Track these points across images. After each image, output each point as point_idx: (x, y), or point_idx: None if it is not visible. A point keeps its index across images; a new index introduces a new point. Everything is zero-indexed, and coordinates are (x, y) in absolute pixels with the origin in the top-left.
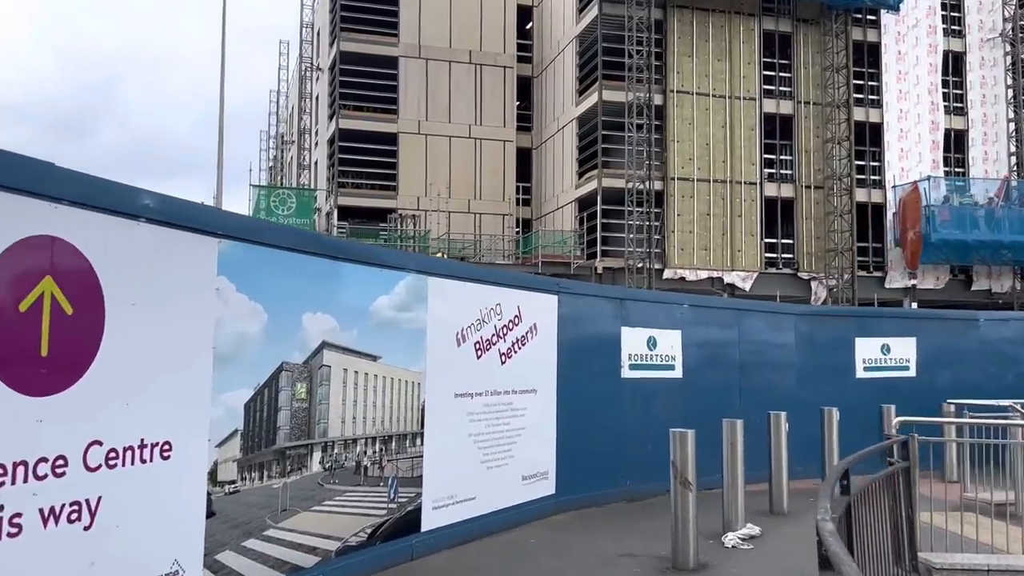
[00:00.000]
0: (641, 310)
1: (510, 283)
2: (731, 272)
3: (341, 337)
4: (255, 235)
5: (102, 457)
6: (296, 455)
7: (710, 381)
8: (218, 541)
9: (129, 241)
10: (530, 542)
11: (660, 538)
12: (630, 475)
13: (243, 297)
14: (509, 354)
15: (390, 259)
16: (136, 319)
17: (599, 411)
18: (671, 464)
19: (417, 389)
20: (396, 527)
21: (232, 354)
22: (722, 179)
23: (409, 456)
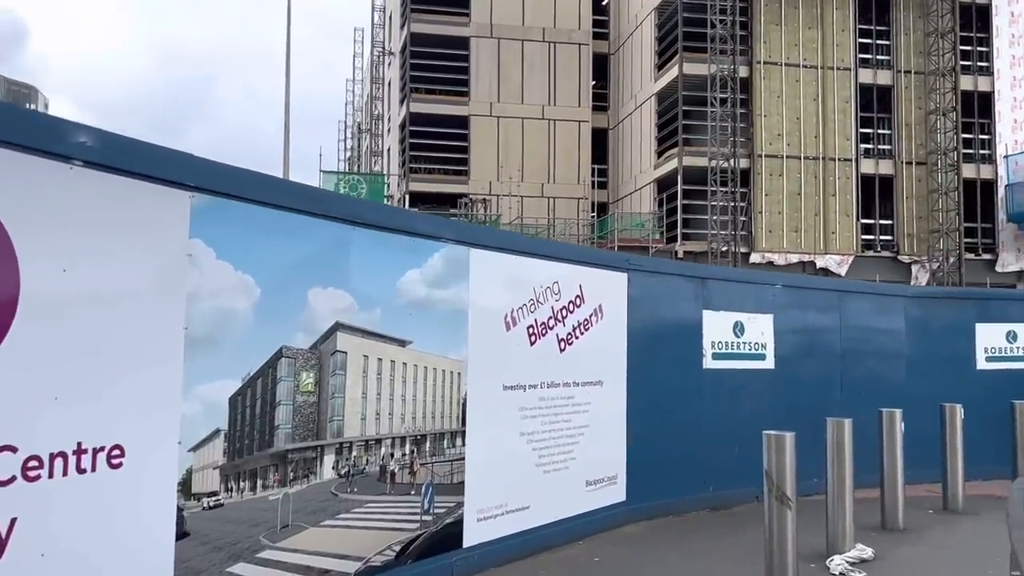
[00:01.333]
0: (726, 291)
1: (571, 257)
2: (824, 256)
3: (360, 318)
4: (239, 188)
5: (16, 467)
6: (301, 459)
7: (807, 373)
8: (193, 567)
9: (58, 190)
10: (593, 560)
11: (750, 557)
12: (713, 480)
13: (225, 266)
14: (569, 340)
15: (422, 225)
16: (69, 289)
17: (677, 406)
18: (765, 474)
19: (457, 380)
20: (432, 543)
21: (211, 336)
22: (814, 156)
23: (448, 459)
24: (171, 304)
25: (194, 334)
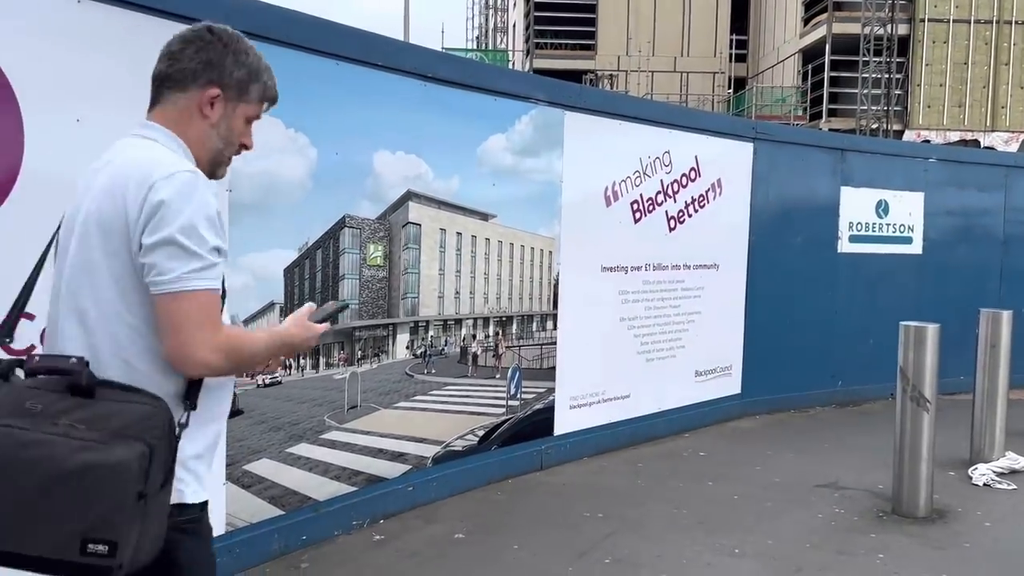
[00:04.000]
0: (869, 165)
1: (685, 124)
2: (991, 133)
3: (435, 187)
4: (287, 32)
5: (35, 336)
6: (371, 338)
7: (960, 260)
8: (248, 447)
9: (63, 28)
10: (698, 454)
11: (877, 461)
12: (843, 374)
13: (274, 122)
14: (680, 218)
15: (508, 83)
16: (85, 143)
17: (805, 293)
18: (899, 371)
19: (548, 259)
20: (519, 429)
21: (260, 201)
22: (987, 19)
23: (537, 343)
24: None
25: (239, 198)
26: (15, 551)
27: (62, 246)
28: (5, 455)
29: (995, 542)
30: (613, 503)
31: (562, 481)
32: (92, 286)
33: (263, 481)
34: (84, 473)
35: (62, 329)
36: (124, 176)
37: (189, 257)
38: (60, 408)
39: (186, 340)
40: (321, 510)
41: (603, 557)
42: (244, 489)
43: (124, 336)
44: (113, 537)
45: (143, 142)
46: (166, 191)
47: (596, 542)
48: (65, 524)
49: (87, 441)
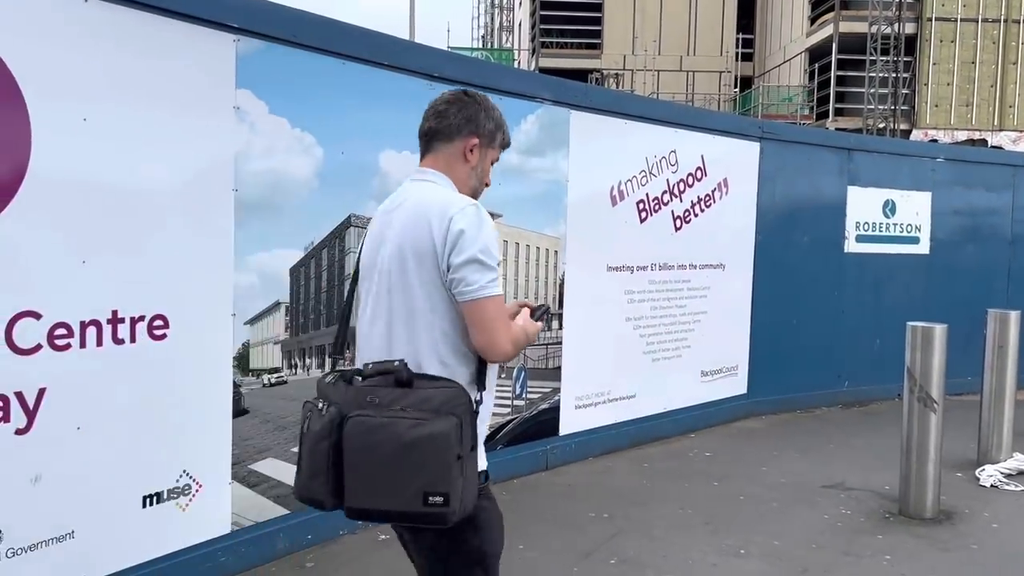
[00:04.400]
0: (876, 164)
1: (692, 123)
2: (999, 133)
3: None
4: (294, 32)
5: (41, 335)
6: None
7: (968, 260)
8: (254, 446)
9: (71, 26)
10: (704, 454)
11: (884, 462)
12: (849, 374)
13: (280, 122)
14: (687, 218)
15: (513, 82)
16: (91, 142)
17: (811, 293)
18: (906, 371)
19: (554, 259)
20: (524, 429)
21: (267, 201)
22: (995, 18)
23: (542, 343)
24: (215, 163)
25: (245, 197)
26: (377, 507)
27: (367, 272)
28: (362, 437)
29: (1003, 544)
30: (618, 503)
31: (567, 481)
32: (409, 301)
33: (269, 480)
34: (419, 443)
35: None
36: (425, 213)
37: (486, 271)
38: (391, 398)
39: (492, 334)
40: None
41: (608, 557)
42: (250, 488)
43: (438, 339)
44: (446, 490)
45: (426, 185)
46: (463, 222)
47: (601, 542)
48: (410, 483)
49: (416, 419)
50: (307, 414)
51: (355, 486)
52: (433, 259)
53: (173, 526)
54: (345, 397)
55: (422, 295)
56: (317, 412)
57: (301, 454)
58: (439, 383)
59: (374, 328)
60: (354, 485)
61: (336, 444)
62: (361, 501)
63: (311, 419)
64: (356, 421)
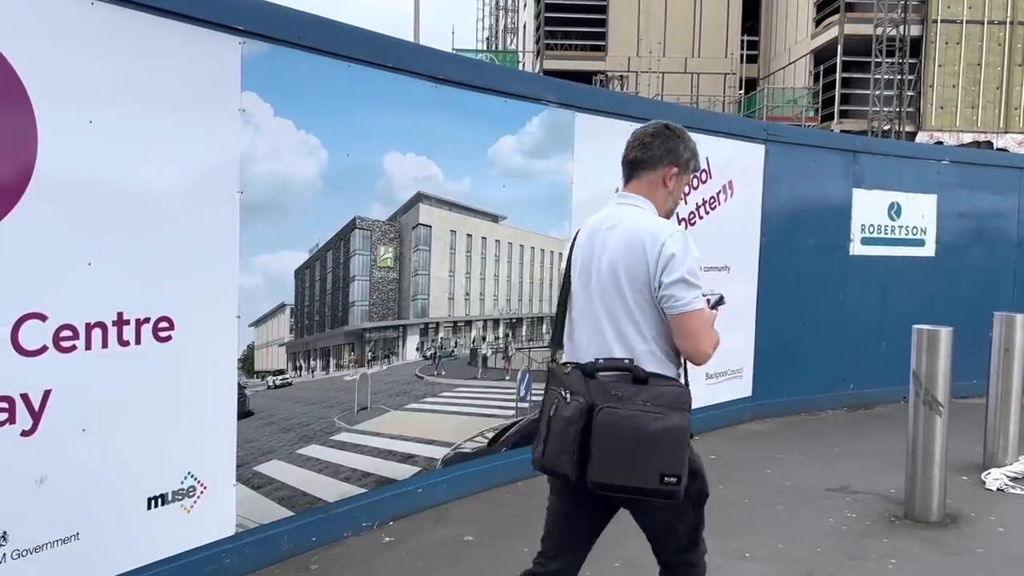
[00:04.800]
0: (882, 167)
1: (696, 126)
2: (1005, 135)
3: (446, 188)
4: (299, 34)
5: (47, 336)
6: (381, 339)
7: (974, 262)
8: (259, 448)
9: (77, 29)
10: (709, 458)
11: (890, 466)
12: (854, 377)
13: (285, 124)
14: (691, 220)
15: (518, 84)
16: (97, 144)
17: (816, 296)
18: (912, 375)
19: (558, 261)
20: (529, 431)
21: (272, 203)
22: (1000, 20)
23: (547, 345)
24: (221, 165)
25: (251, 199)
26: (619, 483)
27: (580, 279)
28: (611, 425)
29: (1009, 547)
30: None
31: None
32: (620, 312)
33: (273, 482)
34: (660, 433)
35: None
36: (639, 237)
37: (692, 289)
38: (630, 392)
39: (699, 342)
40: (331, 511)
41: (613, 560)
42: (254, 490)
43: (653, 345)
44: (679, 472)
45: (634, 209)
46: (673, 247)
47: (606, 545)
48: (650, 466)
49: (656, 413)
50: (553, 400)
51: (601, 464)
52: (646, 277)
53: (178, 528)
54: (589, 389)
55: (634, 305)
56: (563, 400)
57: (546, 433)
58: (668, 382)
59: (587, 328)
60: (600, 463)
61: (584, 428)
62: (606, 477)
63: (558, 405)
64: (606, 412)
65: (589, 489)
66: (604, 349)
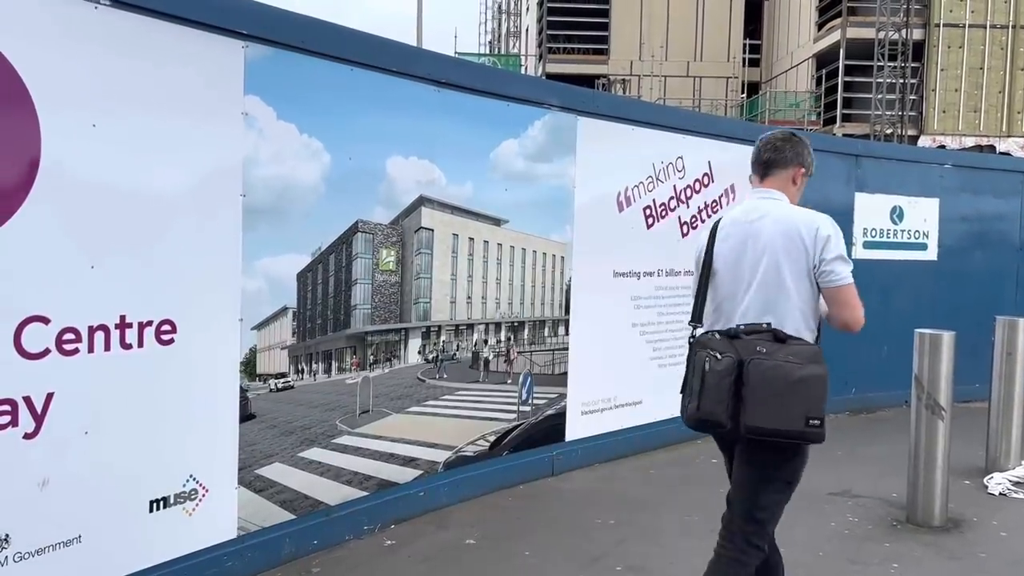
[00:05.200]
0: (884, 171)
1: (699, 130)
2: (1007, 139)
3: (448, 192)
4: (302, 38)
5: (49, 339)
6: (382, 342)
7: (976, 266)
8: (260, 451)
9: (80, 34)
10: (711, 462)
11: (892, 470)
12: (856, 381)
13: (288, 128)
14: (694, 224)
15: (520, 88)
16: (100, 147)
17: None
18: (914, 378)
19: (560, 265)
20: (531, 435)
21: (274, 206)
22: (1003, 24)
23: (548, 348)
24: (224, 168)
25: (253, 203)
26: (770, 426)
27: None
28: (761, 375)
29: (1011, 552)
30: (625, 509)
31: (573, 487)
32: (777, 287)
33: (275, 485)
34: (804, 380)
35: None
36: (794, 224)
37: (846, 264)
38: (774, 349)
39: (854, 310)
40: (333, 515)
41: (615, 564)
42: (256, 493)
43: (797, 314)
44: (820, 415)
45: (775, 202)
46: (827, 230)
47: (608, 549)
48: (797, 410)
49: (798, 364)
50: (705, 359)
51: (754, 410)
52: (804, 257)
53: (179, 531)
54: (736, 348)
55: (790, 282)
56: (714, 358)
57: (700, 388)
58: (803, 342)
59: (736, 301)
60: (753, 409)
61: (736, 380)
62: (758, 421)
63: (710, 362)
64: (755, 363)
65: (741, 435)
66: (749, 317)
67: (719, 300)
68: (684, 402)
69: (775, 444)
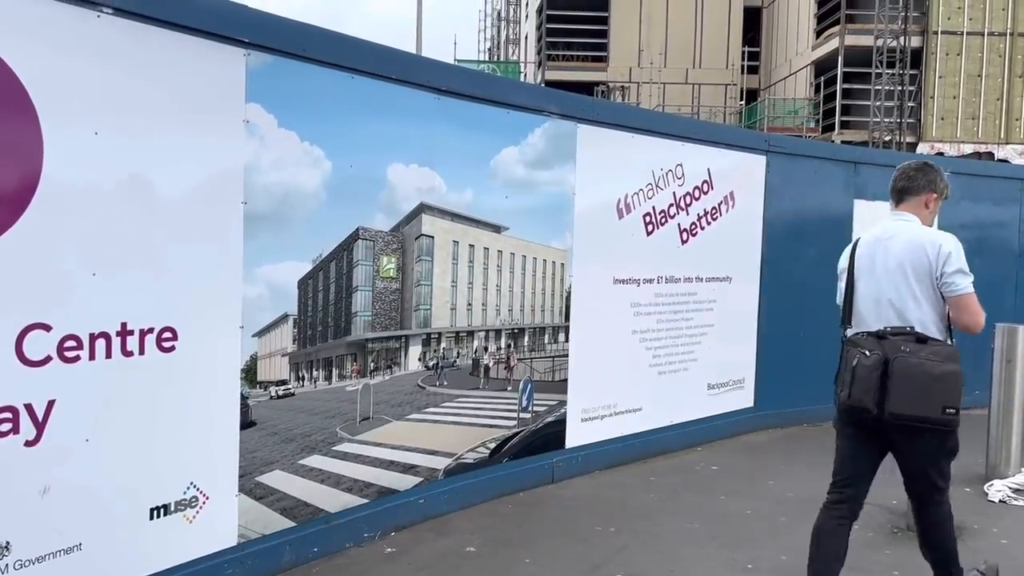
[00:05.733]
0: (883, 178)
1: (698, 137)
2: (1005, 146)
3: (449, 199)
4: (304, 46)
5: (51, 347)
6: (383, 350)
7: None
8: (261, 458)
9: (83, 42)
10: (711, 468)
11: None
12: None
13: (289, 135)
14: (693, 231)
15: (520, 96)
16: (102, 155)
17: (818, 306)
18: None
19: (560, 271)
20: (531, 441)
21: (275, 213)
22: (1000, 31)
23: (549, 355)
24: (225, 176)
25: (254, 210)
26: (913, 413)
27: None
28: (905, 370)
29: (1012, 559)
30: (625, 517)
31: (574, 494)
32: (906, 295)
33: (275, 492)
34: (943, 376)
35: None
36: (921, 243)
37: (966, 276)
38: (916, 348)
39: (973, 315)
40: (333, 522)
41: (615, 572)
42: (256, 501)
43: (927, 319)
44: (957, 405)
45: (907, 223)
46: (948, 247)
47: (608, 556)
48: (936, 400)
49: (937, 362)
50: (855, 356)
51: (898, 400)
52: (929, 269)
53: (180, 538)
54: (882, 346)
55: (918, 291)
56: (864, 355)
57: (851, 380)
58: (941, 343)
59: (876, 307)
60: (898, 399)
61: (883, 374)
62: (902, 409)
63: (860, 358)
64: (900, 360)
65: (885, 421)
66: (891, 321)
67: (861, 306)
68: (836, 391)
69: (930, 430)
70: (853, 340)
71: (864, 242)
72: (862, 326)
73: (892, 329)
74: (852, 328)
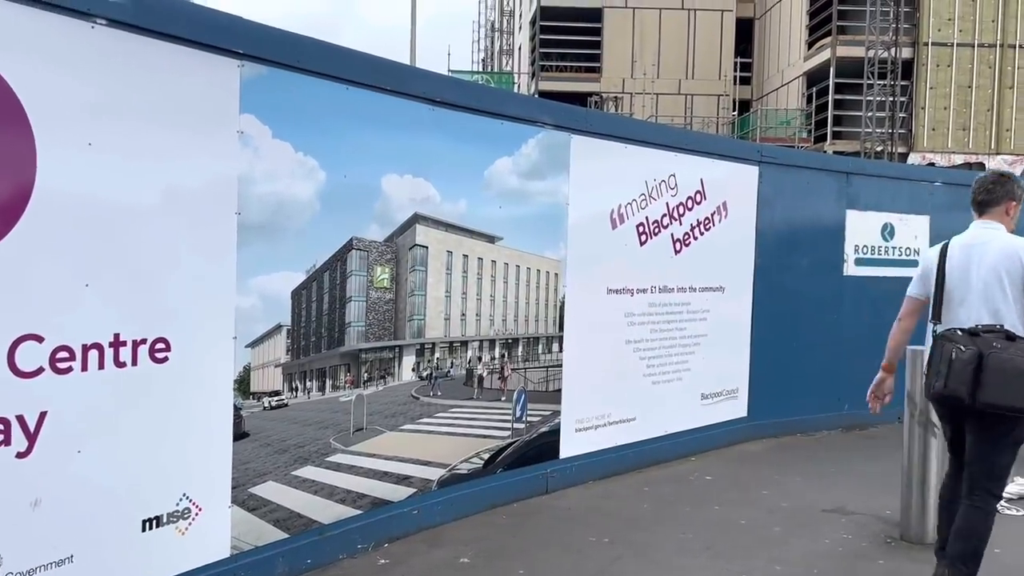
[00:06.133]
0: (875, 188)
1: (691, 147)
2: (995, 156)
3: (443, 210)
4: (297, 57)
5: (43, 358)
6: (377, 360)
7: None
8: (254, 470)
9: (77, 53)
10: (705, 478)
11: (885, 486)
12: (849, 397)
13: (283, 146)
14: (686, 241)
15: (514, 107)
16: (96, 166)
17: (811, 316)
18: (906, 396)
19: (554, 281)
20: (525, 452)
21: (269, 224)
22: (991, 43)
23: (542, 365)
24: (219, 186)
25: (248, 220)
26: (1002, 403)
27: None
28: (997, 364)
29: (1005, 569)
30: (619, 527)
31: (568, 505)
32: (998, 297)
33: (268, 504)
34: None
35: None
36: (1015, 248)
37: None
38: (1006, 345)
39: None
40: (326, 533)
41: None
42: (249, 512)
43: (1016, 319)
44: None
45: (994, 231)
46: None
47: (603, 567)
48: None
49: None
50: (952, 350)
51: (990, 391)
52: (1021, 275)
53: (172, 550)
54: (976, 343)
55: (1009, 292)
56: (959, 349)
57: (947, 372)
58: None
59: (967, 307)
60: (989, 390)
61: (977, 367)
62: (992, 399)
63: (956, 352)
64: (993, 355)
65: (976, 409)
66: (983, 319)
67: (954, 305)
68: (931, 381)
69: (1004, 416)
70: (946, 335)
71: (956, 245)
72: (954, 323)
73: (984, 327)
74: (942, 324)
